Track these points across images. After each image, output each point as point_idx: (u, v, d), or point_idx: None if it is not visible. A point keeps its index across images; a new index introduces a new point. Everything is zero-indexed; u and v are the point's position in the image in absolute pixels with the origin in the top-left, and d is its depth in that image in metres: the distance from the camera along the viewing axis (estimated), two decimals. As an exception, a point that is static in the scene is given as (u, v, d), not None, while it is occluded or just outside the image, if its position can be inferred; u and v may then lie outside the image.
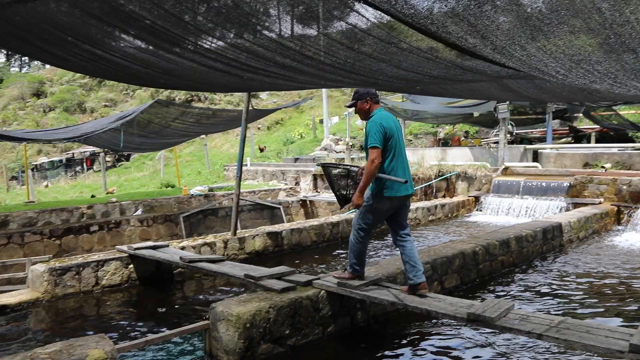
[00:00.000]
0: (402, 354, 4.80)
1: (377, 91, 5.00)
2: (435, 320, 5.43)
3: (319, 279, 5.26)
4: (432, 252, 6.73)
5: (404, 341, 5.08)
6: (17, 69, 58.94)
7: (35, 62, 61.22)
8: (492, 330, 4.73)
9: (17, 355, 3.67)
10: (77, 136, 11.71)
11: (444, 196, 14.29)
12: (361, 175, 4.81)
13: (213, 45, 3.32)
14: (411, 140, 23.14)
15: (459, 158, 16.23)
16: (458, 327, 5.26)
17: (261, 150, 27.15)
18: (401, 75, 4.02)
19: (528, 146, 15.67)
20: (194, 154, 31.45)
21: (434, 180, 14.41)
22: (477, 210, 12.89)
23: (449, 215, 12.64)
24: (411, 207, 11.93)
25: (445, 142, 20.62)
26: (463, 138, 20.40)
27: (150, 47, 3.45)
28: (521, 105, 17.45)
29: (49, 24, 3.25)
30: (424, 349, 4.86)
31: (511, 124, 16.32)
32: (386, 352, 4.82)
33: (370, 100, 4.84)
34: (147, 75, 4.20)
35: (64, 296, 6.72)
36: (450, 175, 14.19)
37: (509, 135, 15.68)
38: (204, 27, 3.19)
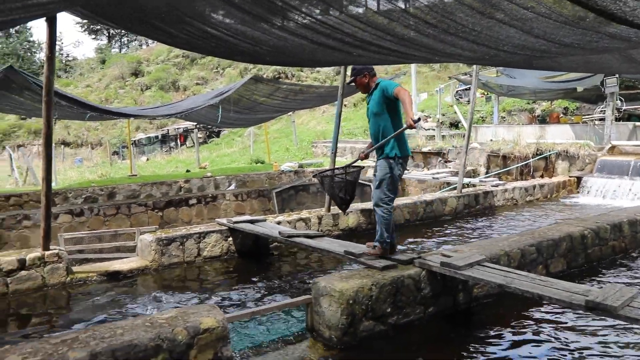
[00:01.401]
0: (504, 339, 4.64)
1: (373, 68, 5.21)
2: (542, 305, 5.21)
3: (420, 257, 5.17)
4: (537, 234, 6.43)
5: (507, 325, 4.91)
6: (117, 50, 62.27)
7: (134, 43, 64.46)
8: (600, 318, 4.47)
9: (138, 319, 3.89)
10: (179, 112, 12.20)
11: (541, 176, 13.65)
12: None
13: (332, 17, 3.27)
14: (504, 118, 22.20)
15: (558, 136, 15.38)
16: (564, 313, 5.02)
17: None
18: (529, 44, 3.79)
19: (638, 123, 14.55)
20: (281, 130, 31.95)
21: (531, 160, 13.78)
22: (579, 191, 12.19)
23: (548, 196, 12.06)
24: (507, 186, 11.52)
25: (542, 119, 19.60)
26: (562, 115, 19.30)
27: (266, 25, 3.46)
28: (629, 79, 16.20)
29: (165, 2, 3.34)
30: (527, 334, 4.68)
31: (620, 99, 15.20)
32: (488, 336, 4.68)
33: (368, 74, 5.21)
34: (254, 52, 4.25)
35: (169, 265, 7.06)
36: (550, 154, 13.49)
37: (616, 112, 14.63)
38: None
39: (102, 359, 3.34)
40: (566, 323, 4.90)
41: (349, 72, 5.61)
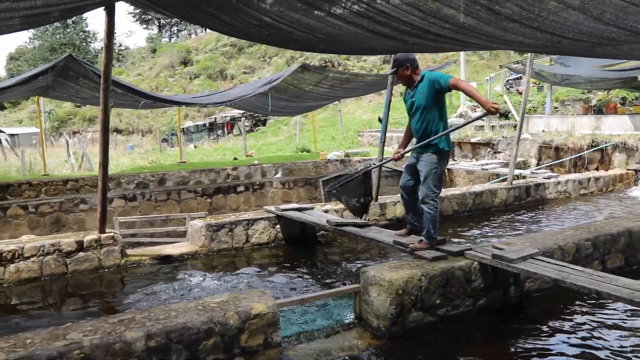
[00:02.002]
0: (556, 334, 4.52)
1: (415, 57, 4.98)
2: (595, 301, 5.06)
3: (471, 249, 5.09)
4: (593, 228, 6.22)
5: (559, 321, 4.78)
6: (167, 39, 63.53)
7: (183, 32, 65.61)
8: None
9: (191, 302, 3.98)
10: (230, 100, 12.38)
11: (596, 169, 13.18)
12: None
13: (391, 7, 3.23)
14: (557, 108, 21.51)
15: (615, 127, 14.80)
16: (617, 311, 4.86)
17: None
18: (596, 31, 3.65)
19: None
20: (327, 119, 31.94)
21: (586, 151, 13.32)
22: (637, 185, 11.71)
23: (604, 189, 11.64)
24: (560, 179, 11.18)
25: (598, 110, 18.88)
26: (619, 105, 18.54)
27: (319, 12, 3.45)
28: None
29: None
30: (579, 331, 4.55)
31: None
32: (539, 331, 4.57)
33: (411, 66, 4.95)
34: (308, 40, 4.25)
35: (218, 251, 7.19)
36: (606, 146, 13.01)
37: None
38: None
39: (157, 340, 3.44)
40: (622, 320, 4.74)
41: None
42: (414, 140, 5.38)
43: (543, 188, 10.80)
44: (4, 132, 36.08)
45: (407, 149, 5.34)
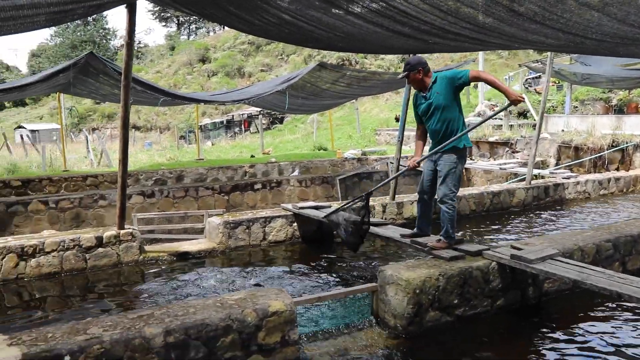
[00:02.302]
0: (576, 336, 4.47)
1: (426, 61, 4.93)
2: (616, 304, 5.00)
3: (489, 249, 5.05)
4: (614, 229, 6.13)
5: (579, 323, 4.73)
6: (186, 37, 63.93)
7: (201, 30, 65.98)
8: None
9: (210, 299, 4.01)
10: (248, 98, 12.42)
11: (617, 169, 13.01)
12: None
13: (412, 7, 3.22)
14: (576, 107, 21.24)
15: (637, 127, 14.57)
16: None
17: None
18: (620, 32, 3.60)
19: None
20: (344, 117, 31.91)
21: (606, 151, 13.14)
22: (659, 185, 11.53)
23: (624, 190, 11.47)
24: (580, 179, 11.05)
25: (619, 109, 18.61)
26: (641, 105, 18.25)
27: (338, 10, 3.45)
28: None
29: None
30: (599, 333, 4.49)
31: None
32: (558, 332, 4.53)
33: (423, 70, 4.92)
34: (328, 39, 4.25)
35: (236, 248, 7.23)
36: (627, 146, 12.82)
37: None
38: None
39: (176, 336, 3.47)
40: (644, 324, 4.67)
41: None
42: (426, 147, 5.39)
43: (562, 188, 10.68)
44: (25, 128, 36.66)
45: (423, 156, 5.27)
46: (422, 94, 5.10)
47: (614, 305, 5.05)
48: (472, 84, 27.94)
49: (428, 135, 5.28)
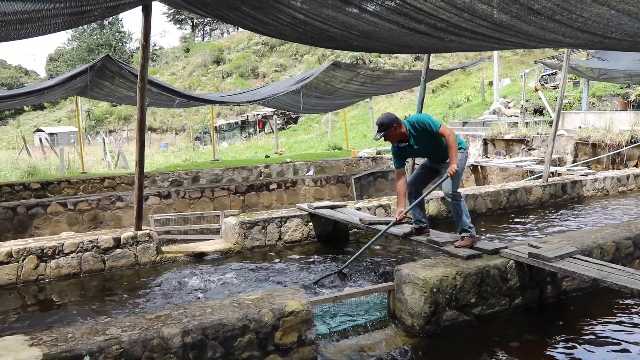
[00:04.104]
0: (595, 335, 4.42)
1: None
2: (636, 302, 4.93)
3: (506, 247, 5.02)
4: (633, 226, 6.05)
5: (599, 321, 4.67)
6: (200, 39, 64.30)
7: (216, 31, 66.31)
8: None
9: (227, 299, 4.03)
10: (262, 98, 12.47)
11: (636, 165, 12.82)
12: None
13: (428, 4, 3.20)
14: (594, 103, 20.99)
15: (656, 122, 14.35)
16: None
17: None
18: (641, 32, 3.55)
19: None
20: (359, 117, 31.87)
21: (625, 148, 12.96)
22: (679, 182, 11.34)
23: (644, 186, 11.30)
24: (598, 176, 10.92)
25: (637, 105, 18.35)
26: (661, 100, 17.98)
27: (353, 9, 3.44)
28: None
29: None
30: (619, 332, 4.43)
31: None
32: (577, 331, 4.48)
33: (397, 125, 5.14)
34: (342, 37, 4.25)
35: (252, 248, 7.24)
36: (646, 142, 12.63)
37: None
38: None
39: (193, 336, 3.49)
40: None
41: (432, 57, 5.51)
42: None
43: (580, 185, 10.55)
44: (43, 131, 37.15)
45: (409, 206, 5.64)
46: (402, 144, 5.33)
47: (635, 304, 4.98)
48: (487, 81, 27.79)
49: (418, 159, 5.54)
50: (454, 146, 5.00)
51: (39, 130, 38.74)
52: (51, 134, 35.58)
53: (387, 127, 5.12)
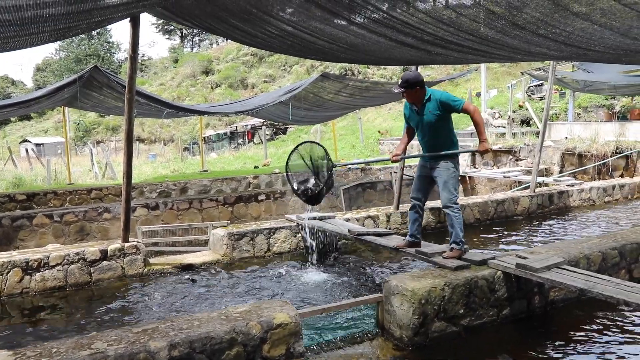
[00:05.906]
0: (583, 345, 4.45)
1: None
2: (622, 312, 4.97)
3: (494, 258, 5.03)
4: (619, 236, 6.11)
5: (586, 332, 4.70)
6: (189, 49, 64.29)
7: (205, 42, 66.35)
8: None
9: (214, 312, 4.00)
10: (251, 109, 12.46)
11: (621, 176, 12.96)
12: None
13: (414, 18, 3.23)
14: (580, 114, 21.24)
15: (641, 133, 14.55)
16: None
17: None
18: (623, 45, 3.61)
19: None
20: (347, 127, 31.91)
21: (610, 158, 13.10)
22: (664, 192, 11.48)
23: (629, 197, 11.44)
24: (584, 186, 11.02)
25: (622, 116, 18.59)
26: (645, 111, 18.22)
27: (340, 20, 3.46)
28: None
29: (248, 2, 3.40)
30: (607, 342, 4.46)
31: None
32: (565, 341, 4.50)
33: (419, 88, 5.06)
34: (330, 50, 4.27)
35: (240, 259, 7.21)
36: (631, 153, 12.78)
37: None
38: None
39: (180, 349, 3.46)
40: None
41: (420, 69, 5.56)
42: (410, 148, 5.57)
43: (566, 196, 10.65)
44: (30, 141, 36.82)
45: (403, 156, 5.79)
46: (414, 107, 5.26)
47: (622, 314, 5.01)
48: (475, 92, 28.02)
49: (418, 141, 5.51)
50: (481, 122, 5.04)
51: (25, 140, 38.39)
52: (38, 145, 35.28)
53: (409, 86, 5.05)
